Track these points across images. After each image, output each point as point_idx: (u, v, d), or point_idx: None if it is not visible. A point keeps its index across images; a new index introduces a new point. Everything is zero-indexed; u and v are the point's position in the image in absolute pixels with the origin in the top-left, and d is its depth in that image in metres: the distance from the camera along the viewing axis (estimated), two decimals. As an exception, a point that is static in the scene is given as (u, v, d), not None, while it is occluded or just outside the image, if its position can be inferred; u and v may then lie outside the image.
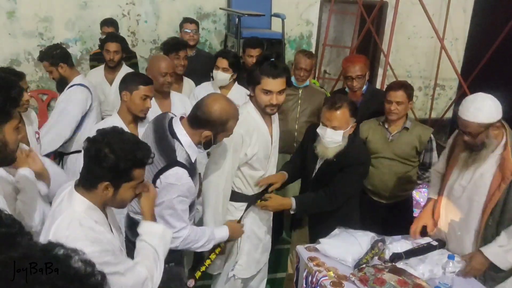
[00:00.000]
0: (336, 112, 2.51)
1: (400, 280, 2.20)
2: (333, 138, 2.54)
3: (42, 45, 5.30)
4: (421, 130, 3.12)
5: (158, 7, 5.58)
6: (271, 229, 2.88)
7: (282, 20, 5.39)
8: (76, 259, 0.81)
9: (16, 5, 5.16)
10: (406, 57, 6.61)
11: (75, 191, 1.65)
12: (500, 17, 5.41)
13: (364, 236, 2.49)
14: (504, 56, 5.35)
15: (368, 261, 2.41)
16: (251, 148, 2.49)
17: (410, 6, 5.78)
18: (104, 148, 1.58)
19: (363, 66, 3.41)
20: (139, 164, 1.65)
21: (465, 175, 2.41)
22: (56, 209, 1.67)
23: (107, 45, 3.91)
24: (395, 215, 3.23)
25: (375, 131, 3.19)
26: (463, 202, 2.42)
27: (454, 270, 2.28)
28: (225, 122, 2.16)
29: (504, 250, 2.27)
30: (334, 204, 2.65)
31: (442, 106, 6.82)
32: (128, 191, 1.67)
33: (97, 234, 1.58)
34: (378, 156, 3.15)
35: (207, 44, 5.85)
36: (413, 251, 2.48)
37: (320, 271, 2.36)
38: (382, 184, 3.18)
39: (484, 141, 2.26)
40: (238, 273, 2.70)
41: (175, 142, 2.14)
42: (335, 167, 2.60)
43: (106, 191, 1.62)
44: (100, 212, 1.69)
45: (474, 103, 2.25)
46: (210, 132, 2.15)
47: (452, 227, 2.50)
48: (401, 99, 3.03)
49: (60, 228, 1.57)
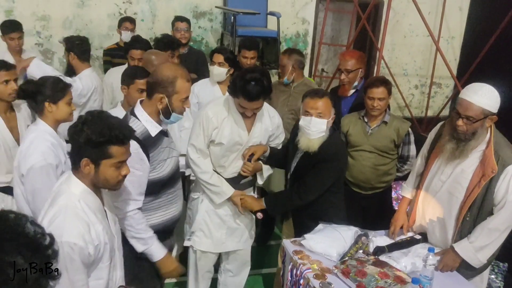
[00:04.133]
0: (321, 99, 2.59)
1: (381, 273, 2.24)
2: (318, 127, 2.58)
3: (39, 43, 5.37)
4: (399, 124, 3.19)
5: (155, 5, 5.63)
6: (245, 220, 2.96)
7: (277, 18, 5.43)
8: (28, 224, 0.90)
9: (14, 4, 5.21)
10: (402, 55, 6.63)
11: (72, 174, 1.76)
12: (496, 15, 5.42)
13: (347, 230, 2.53)
14: (499, 54, 5.37)
15: (352, 255, 2.45)
16: (217, 131, 2.68)
17: (406, 5, 5.80)
18: (80, 125, 1.68)
19: (355, 61, 3.44)
20: (116, 141, 1.70)
21: (445, 170, 2.43)
22: (56, 190, 1.78)
23: (132, 52, 3.73)
24: (374, 205, 3.32)
25: (355, 125, 3.25)
26: (442, 196, 2.44)
27: (434, 263, 2.31)
28: (173, 81, 2.21)
29: (474, 246, 2.30)
30: (305, 200, 2.68)
31: (439, 104, 6.83)
32: (109, 169, 1.73)
33: (86, 227, 1.66)
34: (357, 149, 3.21)
35: (204, 43, 5.89)
36: (396, 244, 2.52)
37: (304, 264, 2.40)
38: (362, 176, 3.24)
39: (476, 131, 2.27)
40: (193, 244, 2.89)
41: (131, 117, 2.25)
42: (313, 160, 2.64)
43: (87, 167, 1.70)
44: (96, 197, 1.78)
45: (482, 88, 2.27)
46: (163, 94, 2.21)
47: (431, 222, 2.53)
48: (382, 95, 3.09)
49: (58, 215, 1.66)
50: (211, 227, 2.87)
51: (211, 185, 2.76)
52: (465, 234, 2.36)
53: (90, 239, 1.65)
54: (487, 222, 2.30)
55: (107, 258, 1.76)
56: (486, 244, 2.30)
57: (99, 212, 1.77)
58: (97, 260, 1.72)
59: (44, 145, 2.38)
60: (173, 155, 2.40)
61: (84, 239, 1.63)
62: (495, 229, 2.28)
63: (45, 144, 2.38)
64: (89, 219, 1.68)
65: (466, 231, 2.36)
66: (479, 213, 2.32)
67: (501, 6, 5.30)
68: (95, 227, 1.69)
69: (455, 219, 2.39)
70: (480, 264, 2.35)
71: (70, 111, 2.51)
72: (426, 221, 2.55)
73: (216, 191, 2.77)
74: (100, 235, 1.71)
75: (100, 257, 1.72)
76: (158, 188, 2.32)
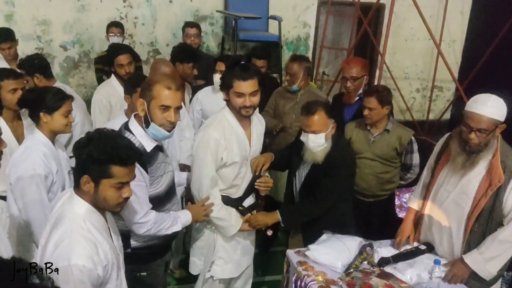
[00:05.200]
0: (313, 117, 2.58)
1: (387, 285, 2.22)
2: (316, 142, 2.59)
3: (40, 48, 5.35)
4: (402, 132, 3.16)
5: (155, 10, 5.61)
6: (253, 234, 2.91)
7: (278, 22, 5.42)
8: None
9: (14, 8, 5.19)
10: (403, 59, 6.62)
11: (74, 194, 1.72)
12: (497, 19, 5.42)
13: (352, 241, 2.52)
14: (501, 58, 5.35)
15: (357, 267, 2.43)
16: (227, 151, 2.52)
17: (407, 8, 5.78)
18: (85, 141, 1.65)
19: (359, 69, 3.43)
20: (117, 161, 1.65)
21: (451, 180, 2.41)
22: (58, 211, 1.72)
23: (119, 60, 3.51)
24: (377, 213, 3.31)
25: (359, 132, 3.25)
26: (448, 207, 2.42)
27: (440, 275, 2.30)
28: (150, 85, 2.16)
29: (484, 257, 2.28)
30: (322, 209, 2.68)
31: (440, 107, 6.81)
32: (109, 189, 1.67)
33: (94, 248, 1.63)
34: (360, 156, 3.20)
35: (205, 47, 5.86)
36: (401, 255, 2.50)
37: (309, 276, 2.38)
38: (364, 184, 3.23)
39: (489, 141, 2.24)
40: (214, 273, 2.74)
41: (126, 132, 2.19)
42: (322, 170, 2.63)
43: (87, 185, 1.66)
44: (100, 215, 1.74)
45: (490, 99, 2.23)
46: (142, 99, 2.16)
47: (438, 233, 2.51)
48: (372, 105, 3.06)
49: (64, 238, 1.62)
50: (230, 251, 2.74)
51: (219, 219, 2.61)
52: (474, 245, 2.34)
53: (98, 260, 1.62)
54: (497, 233, 2.28)
55: (114, 277, 1.74)
56: (496, 256, 2.28)
57: (104, 231, 1.74)
58: (106, 281, 1.69)
59: (35, 155, 2.37)
60: (169, 170, 2.37)
61: (93, 260, 1.60)
62: (505, 240, 2.26)
63: (36, 154, 2.37)
64: (96, 239, 1.65)
65: (474, 242, 2.34)
66: (488, 223, 2.30)
67: (503, 10, 5.30)
68: (102, 246, 1.66)
69: (463, 230, 2.36)
70: (490, 276, 2.32)
71: (66, 123, 2.49)
72: (433, 232, 2.53)
73: (225, 225, 2.64)
74: (108, 254, 1.68)
75: (108, 277, 1.70)
76: (156, 204, 2.29)
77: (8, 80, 2.79)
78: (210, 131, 2.51)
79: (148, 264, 2.34)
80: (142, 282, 2.31)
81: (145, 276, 2.32)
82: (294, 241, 2.95)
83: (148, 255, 2.34)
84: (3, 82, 2.80)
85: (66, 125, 2.49)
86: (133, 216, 2.16)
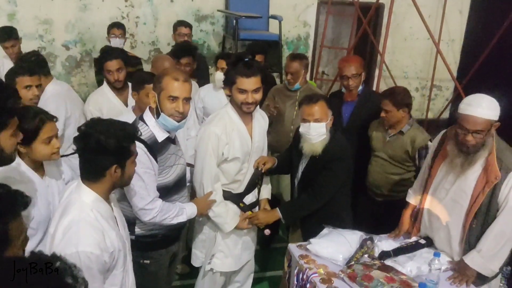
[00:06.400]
0: (315, 105, 2.63)
1: (387, 277, 2.26)
2: (318, 131, 2.63)
3: (42, 47, 5.39)
4: (417, 135, 3.11)
5: (157, 9, 5.66)
6: (254, 230, 2.94)
7: (279, 22, 5.47)
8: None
9: (16, 8, 5.23)
10: (403, 58, 6.67)
11: (82, 183, 1.77)
12: (496, 18, 5.46)
13: (352, 235, 2.56)
14: (499, 57, 5.40)
15: (358, 260, 2.47)
16: (229, 146, 2.56)
17: (406, 8, 5.83)
18: (101, 137, 1.67)
19: (358, 65, 3.47)
20: (134, 138, 1.81)
21: (448, 178, 2.44)
22: (66, 200, 1.78)
23: (107, 65, 3.30)
24: (385, 213, 3.26)
25: (378, 130, 3.28)
26: (446, 204, 2.45)
27: (440, 267, 2.33)
28: (159, 77, 2.26)
29: (482, 255, 2.30)
30: (320, 202, 2.72)
31: (439, 106, 6.86)
32: (131, 166, 1.82)
33: (101, 235, 1.68)
34: (375, 153, 3.24)
35: (205, 46, 5.91)
36: (401, 249, 2.54)
37: (310, 268, 2.42)
38: (374, 182, 3.26)
39: (485, 141, 2.27)
40: (214, 266, 2.78)
41: (139, 122, 2.30)
42: (319, 163, 2.67)
43: (115, 173, 1.74)
44: (106, 204, 1.80)
45: (484, 100, 2.25)
46: (154, 92, 2.27)
47: (437, 230, 2.53)
48: (387, 108, 3.08)
49: (72, 226, 1.67)
50: (230, 246, 2.78)
51: (215, 215, 2.65)
52: (473, 242, 2.36)
53: (105, 246, 1.67)
54: (491, 228, 2.30)
55: (121, 264, 1.79)
56: (495, 252, 2.29)
57: (111, 219, 1.79)
58: (112, 267, 1.74)
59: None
60: (180, 163, 2.42)
61: (100, 247, 1.65)
62: (500, 234, 2.28)
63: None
64: (102, 227, 1.70)
65: (473, 239, 2.36)
66: (485, 220, 2.32)
67: (501, 9, 5.33)
68: (109, 234, 1.71)
69: (461, 227, 2.39)
70: (493, 273, 2.35)
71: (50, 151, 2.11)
72: (432, 229, 2.56)
73: (220, 222, 2.67)
74: (114, 241, 1.73)
75: (114, 264, 1.75)
76: (163, 194, 2.33)
77: (23, 77, 2.82)
78: (211, 127, 2.56)
79: (151, 253, 2.38)
80: (145, 269, 2.35)
81: (148, 264, 2.37)
82: (295, 237, 2.99)
83: (152, 244, 2.38)
84: (18, 78, 2.83)
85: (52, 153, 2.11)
86: (140, 201, 2.21)
